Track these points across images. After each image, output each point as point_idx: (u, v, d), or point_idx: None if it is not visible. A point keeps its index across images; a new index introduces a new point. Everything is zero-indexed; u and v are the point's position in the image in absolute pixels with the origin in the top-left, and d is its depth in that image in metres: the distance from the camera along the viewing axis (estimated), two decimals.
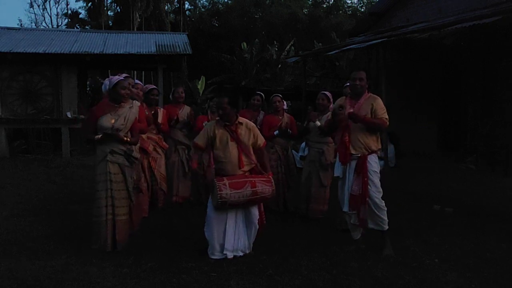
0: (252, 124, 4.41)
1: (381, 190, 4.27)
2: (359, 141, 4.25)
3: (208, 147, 4.29)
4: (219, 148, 4.18)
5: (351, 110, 4.23)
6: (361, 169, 4.22)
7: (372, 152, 4.30)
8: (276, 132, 5.84)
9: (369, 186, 4.20)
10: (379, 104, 4.31)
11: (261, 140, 4.34)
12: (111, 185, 4.25)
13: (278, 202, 5.85)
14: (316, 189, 5.52)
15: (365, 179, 4.19)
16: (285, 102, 6.15)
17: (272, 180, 4.24)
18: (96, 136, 4.23)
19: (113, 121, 4.25)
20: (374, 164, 4.28)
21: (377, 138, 4.39)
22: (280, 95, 6.10)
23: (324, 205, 5.55)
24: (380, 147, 4.45)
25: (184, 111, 6.26)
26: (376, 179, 4.26)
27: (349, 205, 4.29)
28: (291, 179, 6.03)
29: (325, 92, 5.67)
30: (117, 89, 4.28)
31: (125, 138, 4.31)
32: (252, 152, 4.26)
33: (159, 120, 5.74)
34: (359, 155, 4.24)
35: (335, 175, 4.54)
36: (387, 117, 4.31)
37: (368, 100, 4.33)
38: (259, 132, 4.41)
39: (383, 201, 4.24)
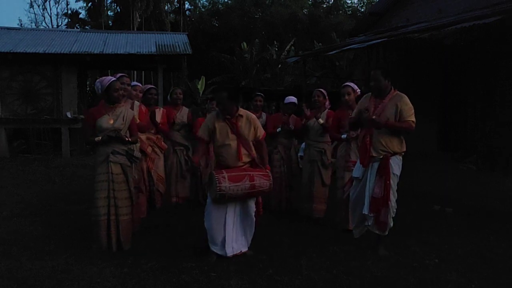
0: (253, 116, 4.33)
1: (396, 194, 4.16)
2: (381, 143, 4.06)
3: (211, 140, 4.26)
4: (219, 141, 4.15)
5: (372, 116, 4.01)
6: (384, 171, 4.06)
7: (395, 153, 4.10)
8: (278, 129, 5.87)
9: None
10: (406, 104, 4.03)
11: (260, 132, 4.27)
12: (113, 185, 4.25)
13: (280, 202, 5.88)
14: (318, 188, 5.52)
15: (388, 181, 4.04)
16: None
17: (270, 175, 4.21)
18: (97, 138, 4.22)
19: (111, 121, 4.25)
20: (395, 166, 4.12)
21: (401, 140, 4.15)
22: (295, 101, 6.03)
23: (325, 204, 5.57)
24: (404, 149, 4.18)
25: (183, 113, 6.22)
26: (394, 182, 4.12)
27: (369, 208, 4.13)
28: (293, 179, 6.03)
29: (320, 89, 5.71)
30: (110, 92, 4.28)
31: (127, 138, 4.32)
32: (251, 145, 4.22)
33: (158, 119, 5.73)
34: (381, 157, 4.08)
35: (353, 176, 4.41)
36: (414, 119, 4.03)
37: (393, 99, 4.08)
38: (259, 123, 4.35)
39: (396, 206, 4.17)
